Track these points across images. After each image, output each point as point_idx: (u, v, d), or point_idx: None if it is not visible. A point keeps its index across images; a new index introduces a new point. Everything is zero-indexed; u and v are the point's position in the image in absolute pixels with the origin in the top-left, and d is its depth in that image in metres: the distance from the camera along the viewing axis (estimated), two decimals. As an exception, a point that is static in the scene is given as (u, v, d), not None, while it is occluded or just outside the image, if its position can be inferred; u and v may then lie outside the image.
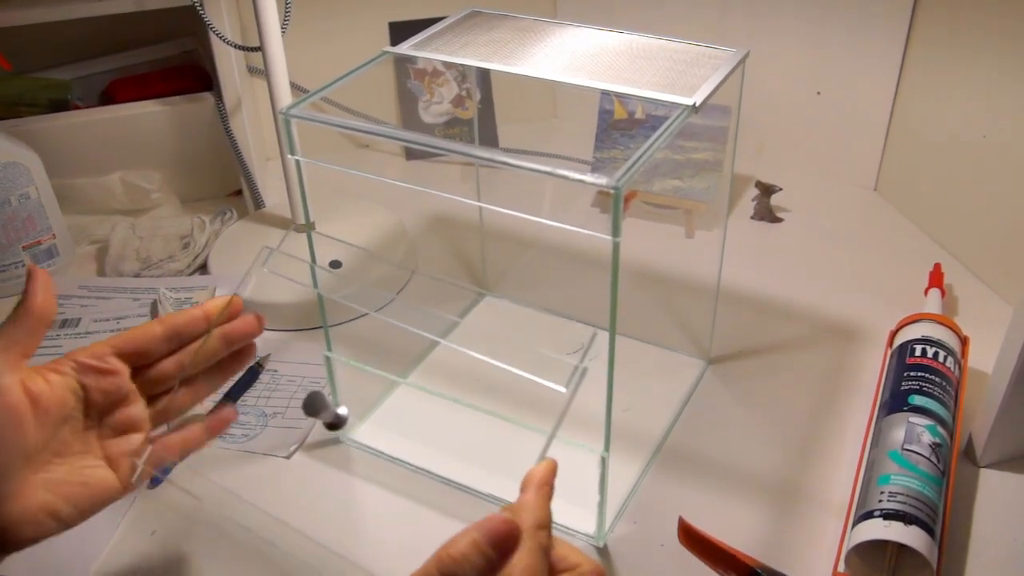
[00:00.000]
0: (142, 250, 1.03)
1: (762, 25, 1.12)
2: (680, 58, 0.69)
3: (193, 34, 1.24)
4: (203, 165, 1.15)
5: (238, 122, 1.08)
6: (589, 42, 0.72)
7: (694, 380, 0.86)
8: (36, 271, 0.56)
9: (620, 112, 1.09)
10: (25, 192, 0.97)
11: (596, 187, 0.54)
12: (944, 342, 0.79)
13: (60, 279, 1.01)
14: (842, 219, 1.11)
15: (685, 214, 1.08)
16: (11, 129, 1.03)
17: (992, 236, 0.97)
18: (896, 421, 0.72)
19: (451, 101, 1.24)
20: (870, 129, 1.12)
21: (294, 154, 0.65)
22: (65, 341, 0.91)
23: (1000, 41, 0.91)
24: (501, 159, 0.57)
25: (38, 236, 1.00)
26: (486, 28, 0.75)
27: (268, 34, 0.89)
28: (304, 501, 0.73)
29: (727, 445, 0.78)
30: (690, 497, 0.73)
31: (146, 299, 0.96)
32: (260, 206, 1.10)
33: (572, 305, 0.94)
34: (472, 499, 0.73)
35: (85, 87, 1.18)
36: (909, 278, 0.97)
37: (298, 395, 0.84)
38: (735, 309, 0.95)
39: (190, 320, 0.61)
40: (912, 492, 0.65)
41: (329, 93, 0.66)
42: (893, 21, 1.04)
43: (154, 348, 0.59)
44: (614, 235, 0.54)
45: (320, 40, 1.20)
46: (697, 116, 0.63)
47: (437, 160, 1.26)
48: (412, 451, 0.76)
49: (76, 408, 0.56)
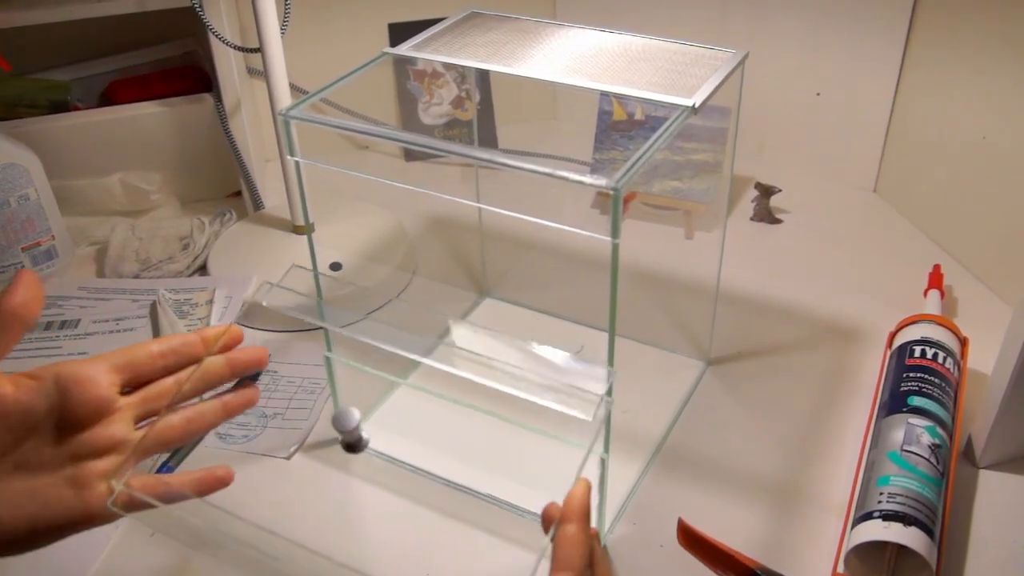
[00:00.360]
0: (141, 251, 1.03)
1: (762, 26, 1.12)
2: (679, 59, 0.69)
3: (193, 35, 1.24)
4: (202, 166, 1.15)
5: (237, 123, 1.08)
6: (588, 43, 0.72)
7: (693, 381, 0.86)
8: (22, 273, 0.53)
9: (619, 113, 1.09)
10: (24, 193, 0.97)
11: (595, 188, 0.54)
12: (943, 343, 0.79)
13: (59, 280, 1.01)
14: (842, 220, 1.11)
15: (684, 215, 1.08)
16: (10, 130, 1.03)
17: (992, 237, 0.97)
18: (895, 422, 0.72)
19: (451, 102, 1.24)
20: (870, 130, 1.12)
21: (293, 155, 0.65)
22: (64, 342, 0.91)
23: (1000, 42, 0.91)
24: (500, 160, 0.57)
25: (37, 237, 1.00)
26: (485, 29, 0.75)
27: (268, 35, 0.89)
28: (304, 502, 0.73)
29: (726, 446, 0.78)
30: (689, 498, 0.73)
31: (145, 300, 0.96)
32: (259, 207, 1.10)
33: (571, 306, 0.94)
34: (472, 499, 0.73)
35: (85, 88, 1.18)
36: (908, 279, 0.97)
37: (298, 396, 0.84)
38: (735, 310, 0.95)
39: (187, 342, 0.58)
40: (911, 493, 0.65)
41: (328, 94, 0.66)
42: (893, 22, 1.04)
43: (149, 364, 0.56)
44: (613, 236, 0.54)
45: (319, 41, 1.20)
46: (696, 117, 0.63)
47: (436, 161, 1.26)
48: (412, 452, 0.76)
49: (46, 419, 0.51)
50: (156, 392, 0.57)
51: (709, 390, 0.85)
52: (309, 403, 0.83)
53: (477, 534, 0.70)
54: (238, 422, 0.81)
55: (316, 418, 0.81)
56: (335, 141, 1.27)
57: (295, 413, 0.82)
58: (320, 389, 0.84)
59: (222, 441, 0.79)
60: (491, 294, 0.98)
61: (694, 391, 0.85)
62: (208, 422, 0.58)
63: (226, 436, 0.79)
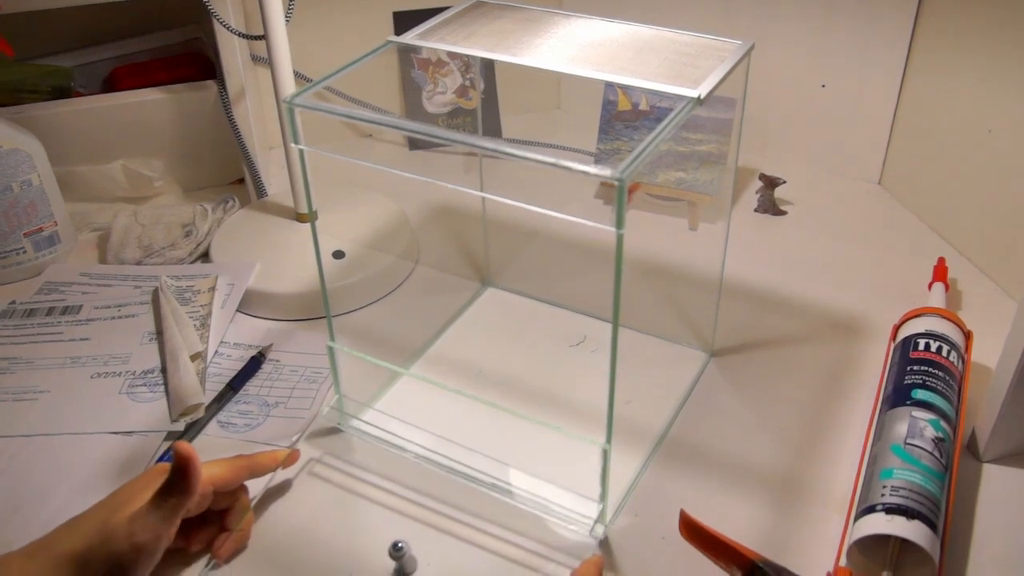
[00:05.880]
0: (144, 238, 1.03)
1: (767, 17, 1.12)
2: (685, 50, 0.69)
3: (197, 22, 1.23)
4: (206, 153, 1.14)
5: (241, 110, 1.07)
6: (594, 33, 0.71)
7: (696, 372, 0.85)
8: (187, 460, 0.61)
9: (624, 103, 1.08)
10: (27, 179, 0.97)
11: (600, 178, 0.53)
12: (948, 336, 0.79)
13: (61, 266, 1.01)
14: (846, 213, 1.10)
15: (689, 206, 1.08)
16: (13, 116, 1.03)
17: (997, 231, 0.96)
18: (899, 415, 0.71)
19: (455, 91, 1.24)
20: (875, 122, 1.12)
21: (297, 143, 0.65)
22: (66, 328, 0.91)
23: (1006, 34, 0.91)
24: (504, 150, 0.56)
25: (40, 223, 1.00)
26: (491, 18, 0.74)
27: (272, 22, 0.89)
28: (306, 491, 0.73)
29: (729, 438, 0.78)
30: (691, 490, 0.73)
31: (148, 287, 0.96)
32: (263, 195, 1.10)
33: (575, 297, 0.94)
34: (474, 489, 0.72)
35: (87, 74, 1.18)
36: (913, 272, 0.97)
37: (300, 385, 0.84)
38: (738, 302, 0.94)
39: (266, 464, 0.71)
40: (915, 487, 0.65)
41: (333, 82, 0.66)
42: (899, 13, 1.04)
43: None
44: (618, 227, 0.54)
45: (324, 29, 1.19)
46: (702, 108, 0.62)
47: (440, 150, 1.25)
48: (414, 441, 0.76)
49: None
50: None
51: (712, 382, 0.85)
52: (312, 392, 0.83)
53: (479, 523, 0.70)
54: (240, 411, 0.81)
55: (318, 407, 0.81)
56: (339, 129, 1.27)
57: (297, 402, 0.82)
58: (323, 378, 0.84)
59: (224, 430, 0.79)
60: (494, 283, 0.98)
61: (697, 382, 0.84)
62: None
63: (228, 425, 0.79)
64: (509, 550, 0.68)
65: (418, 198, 1.11)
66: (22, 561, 0.57)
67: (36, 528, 0.62)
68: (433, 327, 0.91)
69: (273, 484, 0.73)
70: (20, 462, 0.76)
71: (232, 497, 0.68)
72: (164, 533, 0.60)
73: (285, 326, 0.92)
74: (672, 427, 0.80)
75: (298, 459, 0.74)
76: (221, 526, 0.68)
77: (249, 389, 0.83)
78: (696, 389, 0.84)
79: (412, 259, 1.02)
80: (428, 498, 0.72)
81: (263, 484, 0.72)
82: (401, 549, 0.64)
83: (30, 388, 0.83)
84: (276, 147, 1.20)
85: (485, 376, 0.85)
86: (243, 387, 0.83)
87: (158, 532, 0.59)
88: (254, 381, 0.84)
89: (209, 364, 0.86)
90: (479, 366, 0.86)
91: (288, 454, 0.72)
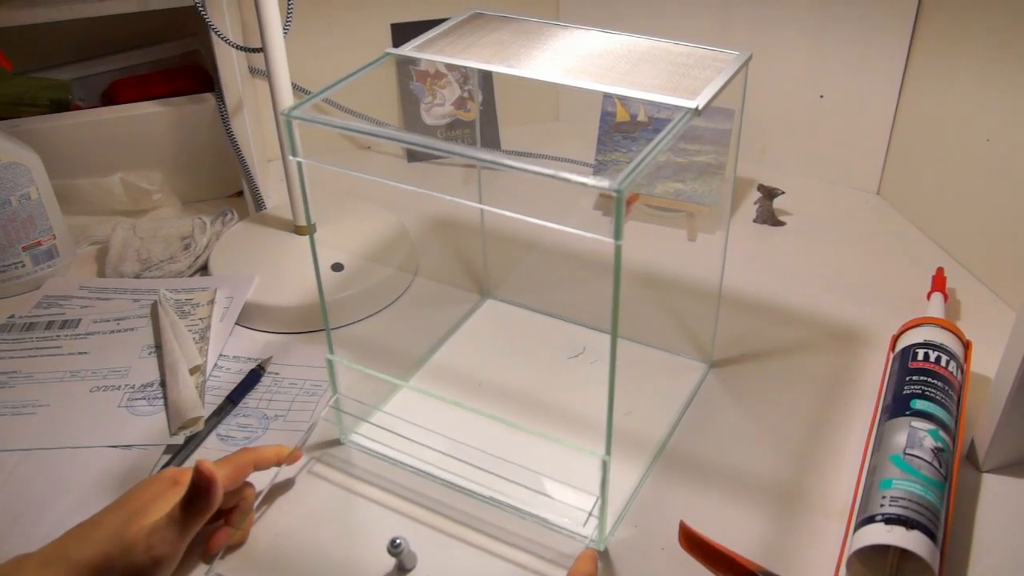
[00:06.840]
0: (143, 251, 1.03)
1: (765, 28, 1.12)
2: (683, 60, 0.69)
3: (195, 35, 1.24)
4: (204, 166, 1.15)
5: (239, 123, 1.08)
6: (592, 44, 0.72)
7: (696, 383, 0.85)
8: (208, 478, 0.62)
9: (622, 115, 1.08)
10: (26, 192, 0.97)
11: (598, 190, 0.54)
12: (947, 346, 0.79)
13: (60, 280, 1.01)
14: (845, 223, 1.10)
15: (687, 217, 1.08)
16: (12, 129, 1.03)
17: (995, 240, 0.97)
18: (898, 425, 0.71)
19: (453, 103, 1.24)
20: (873, 132, 1.12)
21: (296, 155, 0.65)
22: (65, 342, 0.90)
23: (1004, 44, 0.91)
24: (503, 161, 0.56)
25: (38, 237, 1.00)
26: (489, 30, 0.74)
27: (270, 35, 0.89)
28: (305, 503, 0.73)
29: (729, 449, 0.78)
30: (691, 501, 0.73)
31: (146, 300, 0.96)
32: (261, 207, 1.10)
33: (574, 308, 0.94)
34: (473, 502, 0.72)
35: (86, 87, 1.18)
36: (912, 282, 0.97)
37: (300, 398, 0.83)
38: (737, 312, 0.94)
39: (269, 458, 0.72)
40: (914, 497, 0.64)
41: (331, 94, 0.66)
42: (897, 23, 1.04)
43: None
44: (616, 238, 0.54)
45: (322, 41, 1.20)
46: (700, 119, 0.62)
47: (439, 162, 1.25)
48: (413, 454, 0.76)
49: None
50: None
51: (711, 392, 0.85)
52: (311, 405, 0.83)
53: (476, 536, 0.70)
54: (240, 424, 0.81)
55: (317, 420, 0.81)
56: (337, 141, 1.27)
57: (297, 415, 0.82)
58: (322, 391, 0.84)
59: (224, 443, 0.79)
60: (493, 295, 0.98)
61: (696, 393, 0.84)
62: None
63: (228, 438, 0.79)
64: (509, 551, 0.68)
65: (417, 210, 1.11)
66: (37, 568, 0.57)
67: (35, 542, 0.62)
68: (432, 339, 0.91)
69: (275, 483, 0.73)
70: (19, 476, 0.75)
71: (237, 495, 0.69)
72: (182, 547, 0.61)
73: (284, 339, 0.92)
74: (671, 438, 0.79)
75: (300, 457, 0.75)
76: (225, 521, 0.69)
77: (248, 402, 0.83)
78: (695, 400, 0.84)
79: (411, 271, 1.02)
80: (427, 511, 0.72)
81: (266, 484, 0.72)
82: (399, 545, 0.64)
83: (29, 402, 0.83)
84: (275, 160, 1.21)
85: (484, 388, 0.85)
86: (242, 400, 0.83)
87: (177, 546, 0.61)
88: (253, 394, 0.84)
89: (208, 377, 0.86)
90: (478, 378, 0.86)
91: (292, 451, 0.73)
